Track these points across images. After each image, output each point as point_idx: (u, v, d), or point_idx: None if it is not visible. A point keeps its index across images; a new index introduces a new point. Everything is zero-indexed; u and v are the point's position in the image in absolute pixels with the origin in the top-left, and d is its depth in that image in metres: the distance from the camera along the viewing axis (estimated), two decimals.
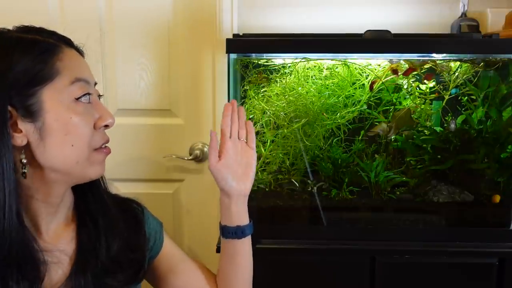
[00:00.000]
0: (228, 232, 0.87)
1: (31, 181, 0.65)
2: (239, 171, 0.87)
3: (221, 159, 0.86)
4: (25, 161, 0.63)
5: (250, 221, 0.89)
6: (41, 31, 0.68)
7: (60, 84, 0.64)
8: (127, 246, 0.76)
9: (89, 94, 0.67)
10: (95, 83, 0.72)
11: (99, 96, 0.73)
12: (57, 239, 0.71)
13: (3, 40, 0.64)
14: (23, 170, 0.63)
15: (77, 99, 0.65)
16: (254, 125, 1.22)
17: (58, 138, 0.64)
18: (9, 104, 0.60)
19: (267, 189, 1.22)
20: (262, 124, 1.22)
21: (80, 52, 0.71)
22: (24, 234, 0.62)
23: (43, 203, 0.68)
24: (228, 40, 1.08)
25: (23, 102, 0.61)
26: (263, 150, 1.23)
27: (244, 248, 0.88)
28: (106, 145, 0.72)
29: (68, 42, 0.69)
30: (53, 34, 0.68)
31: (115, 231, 0.75)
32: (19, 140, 0.62)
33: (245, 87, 1.22)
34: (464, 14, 1.37)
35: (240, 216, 0.87)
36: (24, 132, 0.62)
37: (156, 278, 0.87)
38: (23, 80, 0.61)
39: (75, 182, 0.70)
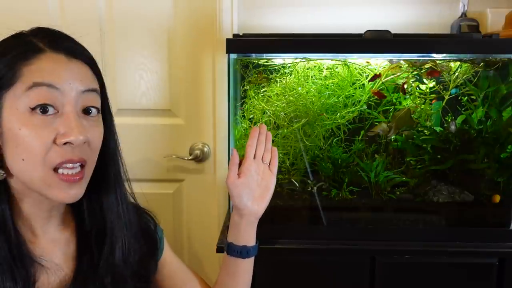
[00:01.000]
0: (233, 251, 0.87)
1: (16, 183, 0.63)
2: (256, 192, 0.87)
3: (240, 176, 0.85)
4: None
5: (256, 243, 0.89)
6: (37, 33, 0.64)
7: (18, 90, 0.59)
8: (138, 277, 0.74)
9: (47, 105, 0.59)
10: (93, 90, 0.65)
11: (91, 108, 0.64)
12: (53, 242, 0.69)
13: (2, 43, 0.63)
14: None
15: (32, 109, 0.59)
16: (254, 125, 1.22)
17: (11, 148, 0.60)
18: None
19: None
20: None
21: (73, 56, 0.64)
22: (19, 241, 0.61)
23: (33, 206, 0.66)
24: (228, 40, 1.08)
25: None
26: None
27: (246, 267, 0.88)
28: (70, 169, 0.62)
29: (60, 46, 0.63)
30: (46, 37, 0.64)
31: (122, 239, 0.72)
32: None
33: (245, 87, 1.22)
34: (464, 14, 1.37)
35: (248, 237, 0.87)
36: None
37: (153, 284, 0.86)
38: None
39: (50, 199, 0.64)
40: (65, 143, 0.60)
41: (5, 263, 0.60)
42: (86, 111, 0.64)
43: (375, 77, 1.17)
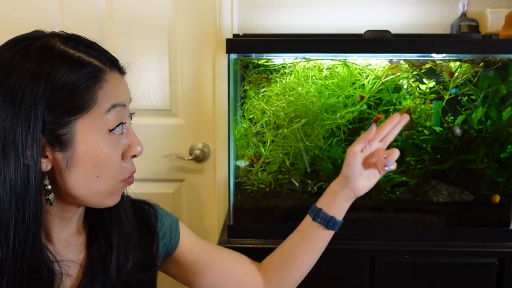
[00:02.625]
0: (321, 217, 0.84)
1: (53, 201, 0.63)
2: (367, 171, 0.84)
3: (363, 151, 0.83)
4: (49, 188, 0.60)
5: (343, 220, 0.86)
6: (91, 47, 0.62)
7: (96, 114, 0.59)
8: (141, 265, 0.74)
9: (122, 123, 0.63)
10: (130, 100, 0.68)
11: (131, 114, 0.69)
12: (67, 247, 0.69)
13: (47, 50, 0.58)
14: (48, 197, 0.60)
15: (111, 130, 0.61)
16: (254, 125, 1.22)
17: (85, 169, 0.60)
18: (41, 133, 0.56)
19: (267, 189, 1.22)
20: (262, 124, 1.22)
21: (123, 72, 0.67)
22: (40, 247, 0.61)
23: (56, 217, 0.66)
24: (228, 40, 1.08)
25: (55, 130, 0.57)
26: (263, 150, 1.23)
27: (325, 238, 0.86)
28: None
29: (114, 64, 0.64)
30: (102, 54, 0.62)
31: (128, 252, 0.72)
32: (44, 165, 0.58)
33: (245, 87, 1.22)
34: (464, 14, 1.37)
35: (340, 210, 0.85)
36: (50, 158, 0.58)
37: (182, 273, 0.84)
38: (63, 108, 0.57)
39: (90, 207, 0.67)
40: (133, 156, 0.65)
41: (26, 269, 0.59)
42: (130, 118, 0.69)
43: (362, 98, 1.18)
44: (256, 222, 1.18)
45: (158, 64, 1.43)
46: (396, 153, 0.81)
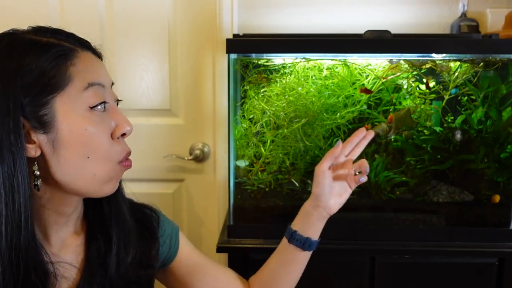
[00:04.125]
0: (296, 240, 0.84)
1: (43, 191, 0.62)
2: (337, 188, 0.84)
3: (331, 168, 0.84)
4: (38, 173, 0.60)
5: (319, 239, 0.86)
6: (57, 32, 0.64)
7: (73, 91, 0.60)
8: (139, 262, 0.73)
9: (105, 102, 0.63)
10: (112, 84, 0.68)
11: (117, 101, 0.68)
12: (65, 248, 0.68)
13: (15, 43, 0.59)
14: (36, 183, 0.60)
15: (92, 108, 0.61)
16: (254, 125, 1.22)
17: (73, 150, 0.60)
18: (22, 115, 0.57)
19: (267, 189, 1.22)
20: (262, 124, 1.22)
21: (98, 54, 0.68)
22: (36, 246, 0.60)
23: (54, 213, 0.65)
24: (228, 40, 1.08)
25: (35, 112, 0.58)
26: (263, 150, 1.23)
27: (302, 259, 0.86)
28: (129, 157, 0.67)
29: (85, 45, 0.65)
30: (70, 36, 0.64)
31: (128, 247, 0.71)
32: (32, 151, 0.58)
33: (245, 87, 1.22)
34: (464, 14, 1.37)
35: (315, 230, 0.85)
36: (37, 143, 0.59)
37: (175, 282, 0.85)
38: (36, 89, 0.57)
39: (88, 196, 0.66)
40: (122, 135, 0.65)
41: (24, 272, 0.59)
42: (116, 103, 0.68)
43: (367, 91, 1.18)
44: (256, 222, 1.18)
45: (158, 64, 1.43)
46: (365, 164, 0.82)
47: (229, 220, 1.18)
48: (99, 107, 0.62)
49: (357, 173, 0.85)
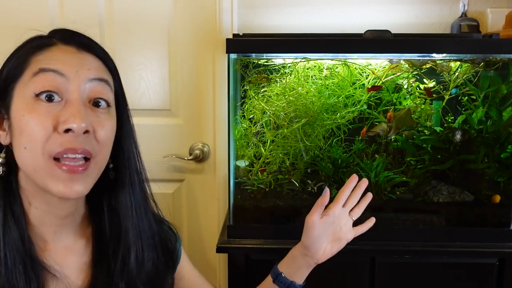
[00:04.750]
0: (281, 282, 0.84)
1: (24, 185, 0.62)
2: (329, 239, 0.84)
3: (322, 218, 0.83)
4: (1, 161, 0.61)
5: (304, 283, 0.86)
6: (54, 32, 0.65)
7: (26, 78, 0.59)
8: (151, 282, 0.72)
9: (51, 92, 0.58)
10: (100, 80, 0.62)
11: (100, 99, 0.62)
12: (67, 251, 0.67)
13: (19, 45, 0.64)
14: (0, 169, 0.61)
15: (37, 95, 0.57)
16: (254, 125, 1.22)
17: (16, 137, 0.59)
18: None
19: (267, 189, 1.22)
20: (262, 124, 1.22)
21: (84, 47, 0.63)
22: (20, 239, 0.60)
23: (45, 213, 0.63)
24: (228, 40, 1.08)
25: (3, 100, 0.61)
26: (263, 150, 1.23)
27: None
28: (72, 160, 0.58)
29: (70, 39, 0.63)
30: (58, 32, 0.64)
31: (141, 274, 0.70)
32: (3, 138, 0.61)
33: (245, 87, 1.22)
34: (464, 14, 1.37)
35: (300, 275, 0.85)
36: (6, 131, 0.61)
37: None
38: (4, 78, 0.61)
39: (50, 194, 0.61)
40: (66, 131, 0.57)
41: (21, 265, 0.59)
42: (95, 103, 0.62)
43: (376, 88, 1.17)
44: (256, 222, 1.18)
45: (158, 64, 1.43)
46: (365, 202, 0.85)
47: (229, 220, 1.18)
48: (43, 96, 0.57)
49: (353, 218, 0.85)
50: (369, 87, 1.18)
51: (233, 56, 1.14)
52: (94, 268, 0.68)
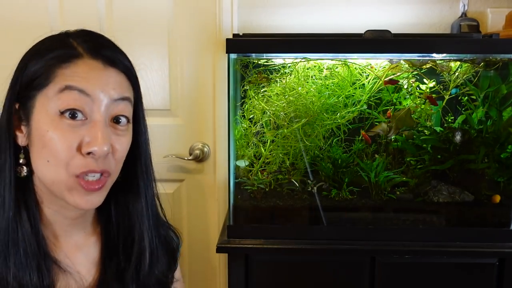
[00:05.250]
0: None
1: (38, 185, 0.64)
2: None
3: None
4: (21, 162, 0.62)
5: None
6: (79, 36, 0.64)
7: (50, 91, 0.59)
8: (159, 282, 0.73)
9: (75, 110, 0.59)
10: (124, 99, 0.64)
11: (121, 117, 0.63)
12: (78, 248, 0.69)
13: (40, 43, 0.64)
14: (23, 171, 0.62)
15: (62, 113, 0.58)
16: (254, 125, 1.22)
17: (37, 148, 0.60)
18: (16, 101, 0.61)
19: (267, 189, 1.22)
20: (262, 124, 1.22)
21: (110, 64, 0.64)
22: (33, 234, 0.62)
23: (57, 213, 0.65)
24: (228, 40, 1.08)
25: (23, 104, 0.61)
26: (263, 150, 1.23)
27: None
28: (92, 177, 0.60)
29: (98, 53, 0.63)
30: (88, 41, 0.64)
31: (152, 277, 0.71)
32: (20, 139, 0.62)
33: (245, 87, 1.22)
34: (464, 14, 1.37)
35: None
36: (24, 133, 0.62)
37: None
38: (27, 82, 0.61)
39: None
40: (88, 153, 0.59)
41: (34, 259, 0.61)
42: (116, 119, 0.63)
43: (393, 82, 1.17)
44: (256, 222, 1.18)
45: (158, 64, 1.43)
46: None
47: (229, 220, 1.18)
48: (67, 113, 0.58)
49: None
50: (386, 80, 1.17)
51: (233, 56, 1.14)
52: (103, 263, 0.70)
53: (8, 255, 0.60)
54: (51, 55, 0.60)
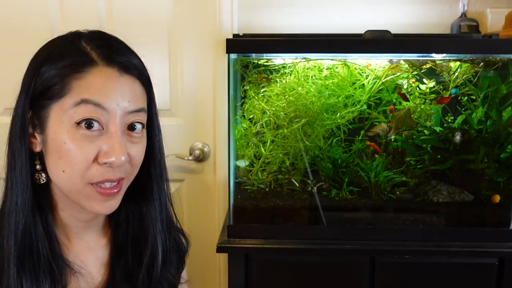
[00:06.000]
0: None
1: (55, 190, 0.65)
2: None
3: None
4: (38, 168, 0.62)
5: None
6: (92, 39, 0.63)
7: (66, 104, 0.59)
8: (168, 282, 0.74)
9: (92, 120, 0.59)
10: (139, 110, 0.64)
11: (136, 123, 0.63)
12: (89, 250, 0.70)
13: (51, 45, 0.63)
14: (41, 177, 0.63)
15: (78, 124, 0.58)
16: (254, 125, 1.22)
17: (53, 158, 0.60)
18: (30, 108, 0.61)
19: (267, 189, 1.22)
20: (262, 124, 1.22)
21: (126, 71, 0.63)
22: (46, 236, 0.62)
23: (71, 216, 0.66)
24: (228, 40, 1.08)
25: (37, 112, 0.61)
26: (263, 150, 1.23)
27: None
28: (109, 185, 0.62)
29: (113, 60, 0.62)
30: (101, 46, 0.62)
31: (163, 280, 0.72)
32: (35, 146, 0.62)
33: (245, 87, 1.22)
34: (464, 14, 1.37)
35: None
36: (38, 140, 0.62)
37: None
38: (41, 90, 0.60)
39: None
40: (105, 162, 0.60)
41: (47, 263, 0.61)
42: (131, 127, 0.64)
43: (405, 98, 1.18)
44: (256, 222, 1.18)
45: (158, 64, 1.43)
46: None
47: (229, 220, 1.18)
48: (83, 123, 0.58)
49: None
50: (401, 92, 1.18)
51: (233, 56, 1.14)
52: (112, 264, 0.71)
53: (23, 258, 0.60)
54: (65, 63, 0.59)
